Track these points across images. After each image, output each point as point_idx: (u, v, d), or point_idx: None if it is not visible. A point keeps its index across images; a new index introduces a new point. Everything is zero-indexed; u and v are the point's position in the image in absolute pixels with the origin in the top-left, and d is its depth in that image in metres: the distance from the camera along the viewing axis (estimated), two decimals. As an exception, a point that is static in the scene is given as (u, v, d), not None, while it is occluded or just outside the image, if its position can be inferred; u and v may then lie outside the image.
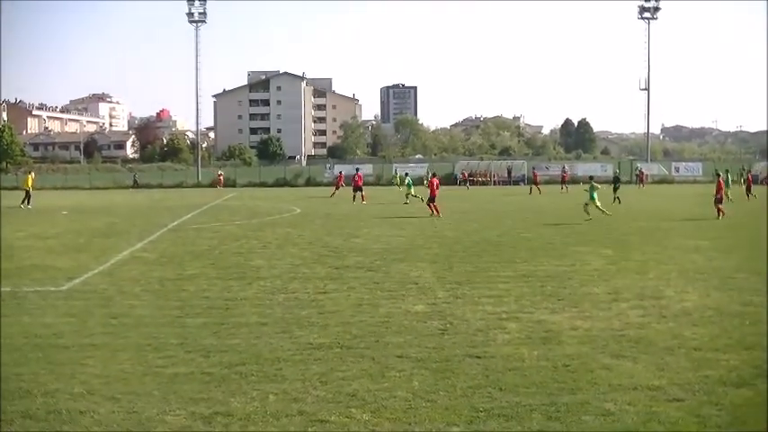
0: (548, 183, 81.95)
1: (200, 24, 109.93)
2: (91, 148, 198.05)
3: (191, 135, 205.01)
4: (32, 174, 60.34)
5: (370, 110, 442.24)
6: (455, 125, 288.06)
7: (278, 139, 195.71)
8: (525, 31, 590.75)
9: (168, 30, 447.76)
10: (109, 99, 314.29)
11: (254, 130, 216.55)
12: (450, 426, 9.48)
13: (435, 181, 44.57)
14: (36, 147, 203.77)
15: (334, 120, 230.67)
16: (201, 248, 27.63)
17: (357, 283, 19.56)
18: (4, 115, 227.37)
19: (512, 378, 11.24)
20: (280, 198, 65.07)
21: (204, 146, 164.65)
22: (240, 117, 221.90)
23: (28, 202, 54.39)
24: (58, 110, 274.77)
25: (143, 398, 10.66)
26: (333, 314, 15.90)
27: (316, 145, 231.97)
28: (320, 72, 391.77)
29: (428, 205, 42.22)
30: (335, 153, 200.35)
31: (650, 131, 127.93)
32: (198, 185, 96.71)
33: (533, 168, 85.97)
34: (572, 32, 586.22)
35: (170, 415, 9.98)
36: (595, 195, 39.19)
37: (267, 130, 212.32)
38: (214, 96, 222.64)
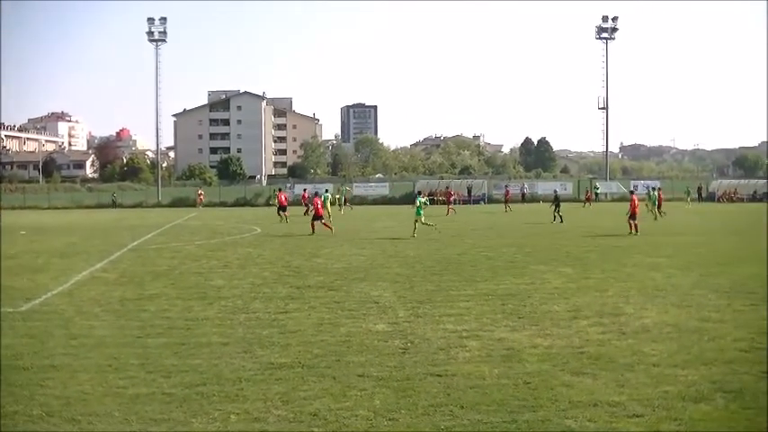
0: (512, 202, 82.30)
1: (160, 44, 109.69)
2: (50, 167, 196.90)
3: (151, 155, 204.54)
4: None
5: (331, 129, 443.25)
6: (415, 144, 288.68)
7: (238, 159, 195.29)
8: (485, 51, 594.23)
9: (128, 49, 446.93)
10: (68, 118, 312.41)
11: (214, 150, 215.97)
12: (412, 444, 9.51)
13: (318, 201, 46.26)
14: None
15: (295, 139, 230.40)
16: (162, 268, 27.50)
17: (318, 303, 19.55)
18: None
19: (473, 396, 11.28)
20: (240, 218, 64.89)
21: (164, 165, 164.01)
22: (200, 137, 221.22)
23: None
24: (15, 128, 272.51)
25: (104, 419, 10.63)
26: (294, 334, 15.88)
27: (276, 164, 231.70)
28: (280, 91, 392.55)
29: (312, 224, 44.06)
30: (296, 172, 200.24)
31: (609, 150, 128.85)
32: (158, 205, 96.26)
33: (506, 186, 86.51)
34: (531, 52, 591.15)
35: (130, 436, 9.94)
36: (421, 212, 41.45)
37: (227, 149, 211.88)
38: (174, 116, 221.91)
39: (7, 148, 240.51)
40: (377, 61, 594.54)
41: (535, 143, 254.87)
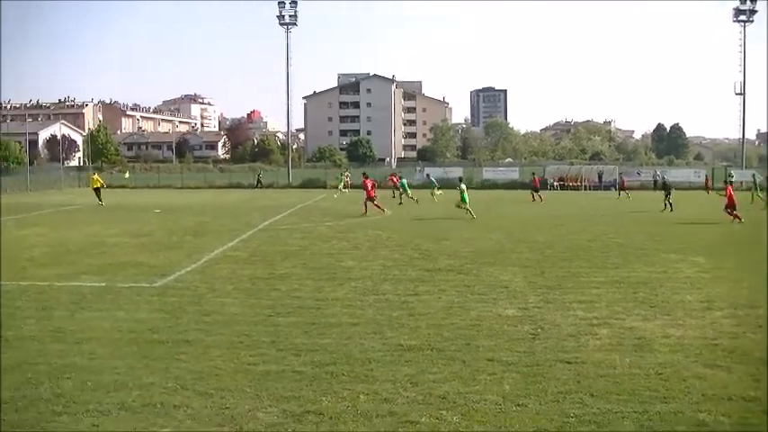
0: (640, 188, 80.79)
1: (290, 27, 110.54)
2: (183, 147, 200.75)
3: (281, 136, 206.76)
4: (96, 174, 61.27)
5: (461, 113, 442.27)
6: (545, 129, 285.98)
7: (368, 141, 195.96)
8: (617, 34, 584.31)
9: (259, 32, 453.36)
10: (201, 100, 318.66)
11: (344, 132, 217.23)
12: (541, 431, 9.43)
13: (369, 182, 46.91)
14: (130, 146, 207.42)
15: (424, 122, 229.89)
16: (293, 248, 27.81)
17: (447, 286, 19.52)
18: (100, 115, 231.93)
19: (603, 384, 11.14)
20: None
21: (294, 147, 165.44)
22: (330, 119, 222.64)
23: (99, 199, 55.60)
24: (151, 110, 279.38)
25: (235, 394, 10.79)
26: (423, 316, 15.90)
27: (406, 147, 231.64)
28: (410, 75, 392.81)
29: (364, 204, 45.58)
30: (425, 156, 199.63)
31: (745, 137, 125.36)
32: (288, 186, 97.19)
33: (621, 174, 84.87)
34: (665, 36, 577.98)
35: (261, 412, 10.09)
36: (466, 197, 43.01)
37: (357, 132, 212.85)
38: (304, 98, 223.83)
39: (143, 128, 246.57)
40: (507, 45, 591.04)
41: (668, 129, 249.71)
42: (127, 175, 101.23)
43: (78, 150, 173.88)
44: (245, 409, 10.17)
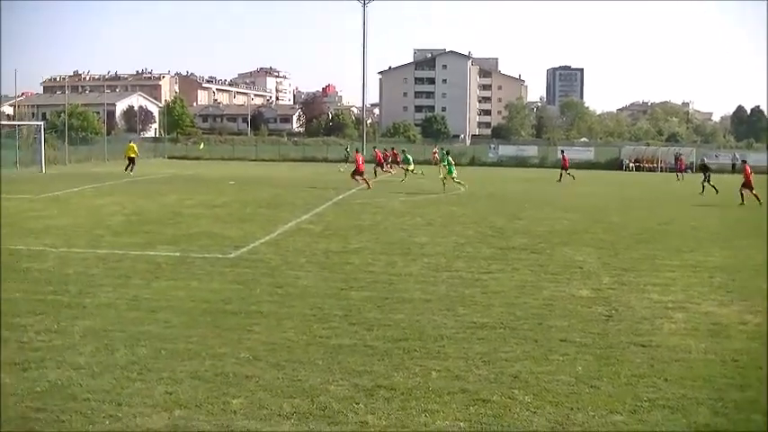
0: (719, 172, 79.57)
1: (367, 2, 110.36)
2: (258, 120, 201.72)
3: (355, 111, 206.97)
4: (134, 143, 61.58)
5: (536, 91, 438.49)
6: (621, 109, 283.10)
7: (443, 118, 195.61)
8: (698, 13, 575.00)
9: (336, 6, 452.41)
10: (276, 74, 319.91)
11: (418, 108, 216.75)
12: (613, 413, 9.33)
13: (360, 156, 49.85)
14: (205, 118, 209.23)
15: (500, 100, 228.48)
16: (366, 223, 27.87)
17: (521, 265, 19.41)
18: (176, 87, 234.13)
19: (678, 369, 11.00)
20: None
21: (369, 122, 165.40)
22: (405, 94, 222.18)
23: (131, 170, 56.03)
24: (226, 83, 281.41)
25: (307, 367, 10.84)
26: (496, 294, 15.84)
27: (480, 125, 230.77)
28: (486, 52, 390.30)
29: (352, 176, 47.36)
30: (500, 134, 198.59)
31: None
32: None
33: (679, 155, 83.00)
34: (746, 16, 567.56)
35: (333, 385, 10.11)
36: (453, 170, 45.78)
37: (432, 108, 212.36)
38: (380, 73, 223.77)
39: (218, 101, 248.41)
40: (585, 23, 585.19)
41: (748, 112, 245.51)
42: (201, 146, 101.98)
43: (154, 122, 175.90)
44: (316, 382, 10.21)
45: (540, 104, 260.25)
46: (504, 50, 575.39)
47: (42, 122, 72.18)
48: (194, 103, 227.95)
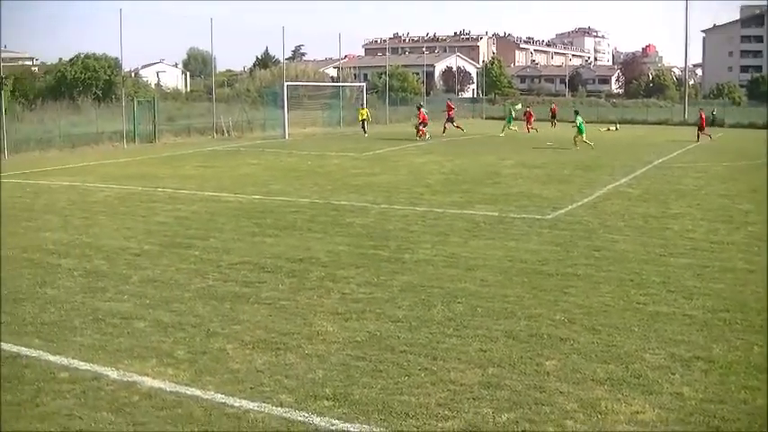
0: None
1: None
2: (576, 81, 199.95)
3: (677, 72, 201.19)
4: (365, 108, 61.49)
5: None
6: None
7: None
8: None
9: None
10: (594, 33, 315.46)
11: (744, 68, 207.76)
12: None
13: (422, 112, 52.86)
14: (522, 79, 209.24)
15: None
16: (687, 188, 27.05)
17: None
18: (494, 48, 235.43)
19: None
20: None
21: (691, 83, 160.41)
22: (731, 54, 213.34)
23: (365, 131, 56.39)
24: (544, 44, 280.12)
25: (623, 332, 10.74)
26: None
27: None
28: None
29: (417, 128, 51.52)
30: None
31: None
32: (683, 123, 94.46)
33: (700, 109, 71.24)
34: None
35: (648, 353, 9.98)
36: (583, 129, 45.45)
37: (759, 68, 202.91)
38: (703, 32, 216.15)
39: (536, 62, 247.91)
40: None
41: None
42: (519, 106, 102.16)
43: (472, 82, 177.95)
44: (631, 349, 10.09)
45: None
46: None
47: (364, 83, 74.46)
48: (512, 64, 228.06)
